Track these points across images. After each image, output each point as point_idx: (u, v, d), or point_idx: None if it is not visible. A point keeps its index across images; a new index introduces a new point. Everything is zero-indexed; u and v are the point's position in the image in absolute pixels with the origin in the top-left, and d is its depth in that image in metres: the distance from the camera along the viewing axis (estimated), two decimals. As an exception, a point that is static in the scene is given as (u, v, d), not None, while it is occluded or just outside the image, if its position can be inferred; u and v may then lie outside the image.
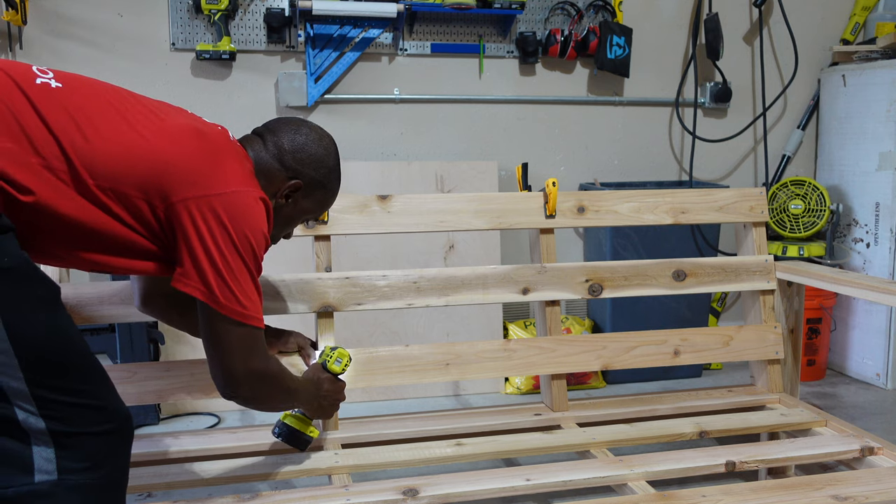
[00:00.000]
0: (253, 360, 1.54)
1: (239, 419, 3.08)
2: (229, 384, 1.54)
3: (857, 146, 3.59)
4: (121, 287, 1.95)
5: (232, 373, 1.53)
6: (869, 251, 3.53)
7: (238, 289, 1.49)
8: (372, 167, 3.31)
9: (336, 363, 1.88)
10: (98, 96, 1.44)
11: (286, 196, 1.65)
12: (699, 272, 2.35)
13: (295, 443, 1.87)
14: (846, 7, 3.90)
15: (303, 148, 1.65)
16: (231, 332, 1.50)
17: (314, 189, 1.69)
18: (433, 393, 3.30)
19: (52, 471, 1.26)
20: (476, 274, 2.19)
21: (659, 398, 2.38)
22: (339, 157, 1.73)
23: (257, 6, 3.27)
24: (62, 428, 1.27)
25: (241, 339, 1.51)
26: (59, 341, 1.30)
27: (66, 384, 1.28)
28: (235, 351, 1.51)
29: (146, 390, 1.95)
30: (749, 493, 1.76)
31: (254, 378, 1.55)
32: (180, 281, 1.48)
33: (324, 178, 1.69)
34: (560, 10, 3.56)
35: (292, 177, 1.64)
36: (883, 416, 3.13)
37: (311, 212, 1.74)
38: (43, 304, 1.29)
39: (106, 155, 1.39)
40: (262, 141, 1.65)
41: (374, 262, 3.13)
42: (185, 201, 1.44)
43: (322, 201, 1.74)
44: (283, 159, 1.63)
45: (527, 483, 1.81)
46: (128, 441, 1.40)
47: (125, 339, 2.86)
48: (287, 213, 1.69)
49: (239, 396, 1.58)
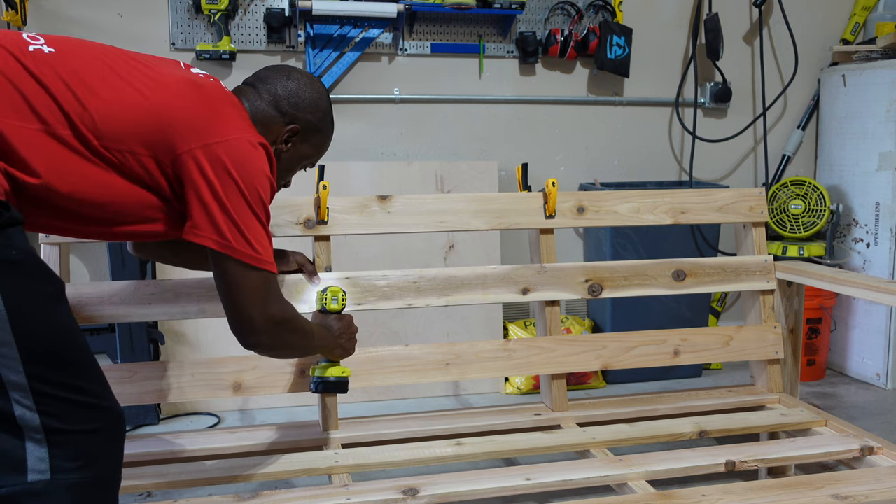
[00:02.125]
0: (271, 305, 1.54)
1: (239, 419, 3.08)
2: (251, 332, 1.54)
3: (857, 146, 3.59)
4: (121, 287, 1.95)
5: (251, 320, 1.52)
6: (869, 251, 3.53)
7: (250, 234, 1.50)
8: (372, 167, 3.31)
9: (333, 302, 1.89)
10: (92, 57, 1.45)
11: (285, 141, 1.69)
12: (699, 272, 2.35)
13: (336, 388, 1.88)
14: (846, 7, 3.90)
15: (297, 93, 1.68)
16: (247, 277, 1.50)
17: (311, 133, 1.72)
18: (433, 393, 3.30)
19: (46, 470, 1.26)
20: (476, 274, 2.19)
21: (659, 398, 2.38)
22: (330, 101, 1.77)
23: (257, 6, 3.27)
24: (56, 424, 1.26)
25: (257, 284, 1.51)
26: (62, 337, 1.30)
27: (65, 380, 1.28)
28: (253, 297, 1.51)
29: (146, 390, 1.95)
30: (749, 492, 1.76)
31: (272, 324, 1.55)
32: (191, 233, 1.49)
33: (319, 121, 1.73)
34: (560, 10, 3.56)
35: (290, 122, 1.68)
36: (883, 416, 3.13)
37: (309, 156, 1.77)
38: (48, 299, 1.29)
39: (108, 115, 1.41)
40: (255, 90, 1.68)
41: (374, 262, 3.13)
42: (191, 151, 1.47)
43: (319, 145, 1.77)
44: (279, 105, 1.67)
45: (527, 483, 1.81)
46: (120, 440, 1.39)
47: (125, 339, 2.87)
48: (287, 159, 1.72)
49: (261, 345, 1.58)
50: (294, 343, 1.67)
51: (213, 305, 1.97)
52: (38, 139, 1.34)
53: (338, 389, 1.89)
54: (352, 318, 1.92)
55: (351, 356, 1.93)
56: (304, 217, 2.10)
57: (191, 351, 3.10)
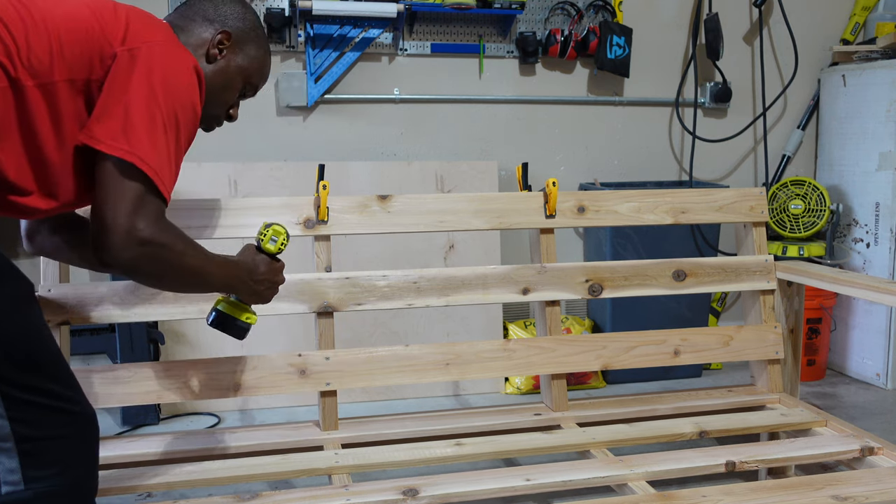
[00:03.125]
0: (140, 219, 1.33)
1: (239, 419, 3.08)
2: (105, 243, 1.32)
3: (857, 146, 3.59)
4: (121, 287, 1.95)
5: (109, 228, 1.31)
6: (869, 251, 3.53)
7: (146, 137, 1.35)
8: (372, 167, 3.31)
9: (271, 242, 1.69)
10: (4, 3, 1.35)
11: (218, 48, 1.61)
12: (699, 272, 2.35)
13: (229, 330, 1.69)
14: (846, 7, 3.90)
15: (222, 4, 1.64)
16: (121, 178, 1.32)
17: (244, 43, 1.65)
18: (433, 393, 3.30)
19: (18, 481, 1.24)
20: (476, 274, 2.19)
21: (659, 398, 2.38)
22: (259, 19, 1.71)
23: (257, 6, 3.26)
24: (27, 431, 1.24)
25: (130, 189, 1.33)
26: (31, 339, 1.28)
27: (35, 383, 1.26)
28: (121, 202, 1.31)
29: (146, 390, 1.95)
30: (749, 493, 1.76)
31: (134, 241, 1.32)
32: (84, 133, 1.36)
33: (251, 30, 1.67)
34: (560, 10, 3.56)
35: (219, 30, 1.62)
36: (883, 416, 3.13)
37: (247, 70, 1.67)
38: (17, 301, 1.26)
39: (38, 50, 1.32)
40: (179, 13, 1.63)
41: (374, 262, 3.13)
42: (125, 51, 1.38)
43: (257, 59, 1.68)
44: (207, 16, 1.62)
45: (527, 483, 1.81)
46: (93, 443, 1.37)
47: (125, 339, 2.87)
48: (222, 70, 1.62)
49: (116, 263, 1.34)
50: (165, 275, 1.43)
51: (213, 305, 1.97)
52: None
53: (237, 335, 1.70)
54: (282, 267, 1.72)
55: (351, 355, 1.92)
56: (304, 217, 2.10)
57: (191, 351, 3.10)
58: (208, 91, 1.57)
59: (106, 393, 1.91)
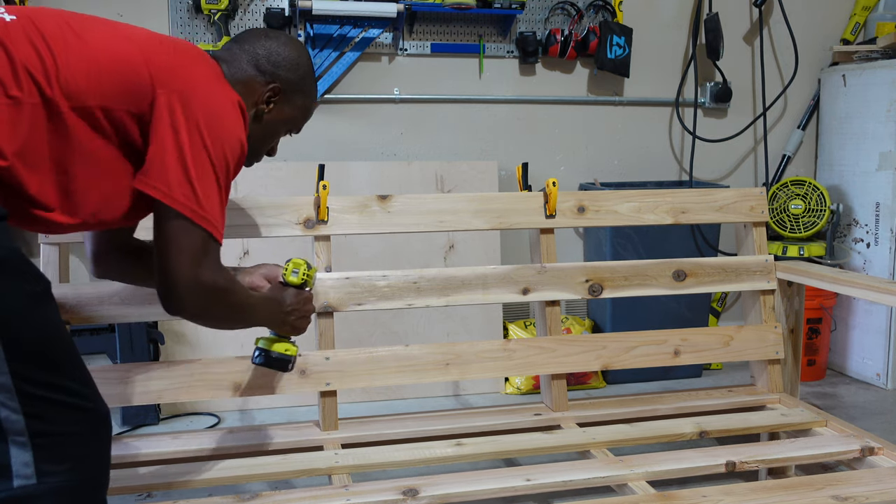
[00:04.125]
0: (203, 270, 1.42)
1: (239, 419, 3.08)
2: (174, 294, 1.42)
3: (858, 146, 3.59)
4: (121, 287, 1.94)
5: (177, 282, 1.41)
6: (869, 251, 3.53)
7: (201, 191, 1.41)
8: (372, 167, 3.31)
9: (293, 275, 1.77)
10: (54, 21, 1.40)
11: (267, 102, 1.63)
12: (699, 272, 2.35)
13: (273, 364, 1.78)
14: (846, 7, 3.90)
15: (276, 51, 1.64)
16: (184, 233, 1.40)
17: (293, 93, 1.67)
18: (433, 393, 3.30)
19: (31, 475, 1.24)
20: (476, 274, 2.19)
21: (659, 398, 2.38)
22: (311, 62, 1.72)
23: (257, 6, 3.27)
24: (42, 427, 1.24)
25: (193, 243, 1.41)
26: (48, 336, 1.28)
27: (51, 380, 1.26)
28: (186, 256, 1.40)
29: (146, 390, 1.95)
30: (749, 493, 1.76)
31: (201, 290, 1.43)
32: (139, 180, 1.41)
33: (301, 80, 1.67)
34: (560, 10, 3.56)
35: (270, 81, 1.63)
36: (883, 416, 3.13)
37: (293, 120, 1.71)
38: (33, 298, 1.27)
39: (76, 73, 1.35)
40: (231, 52, 1.63)
41: (374, 262, 3.13)
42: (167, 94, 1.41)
43: (303, 107, 1.71)
44: (259, 64, 1.62)
45: (527, 483, 1.81)
46: (107, 441, 1.38)
47: (125, 339, 2.87)
48: (269, 120, 1.66)
49: (184, 311, 1.45)
50: (225, 316, 1.56)
51: (213, 305, 1.97)
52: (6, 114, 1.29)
53: (279, 367, 1.78)
54: (310, 297, 1.81)
55: (351, 355, 1.92)
56: (304, 217, 2.10)
57: (191, 351, 3.10)
58: (252, 138, 1.61)
59: (106, 393, 1.87)
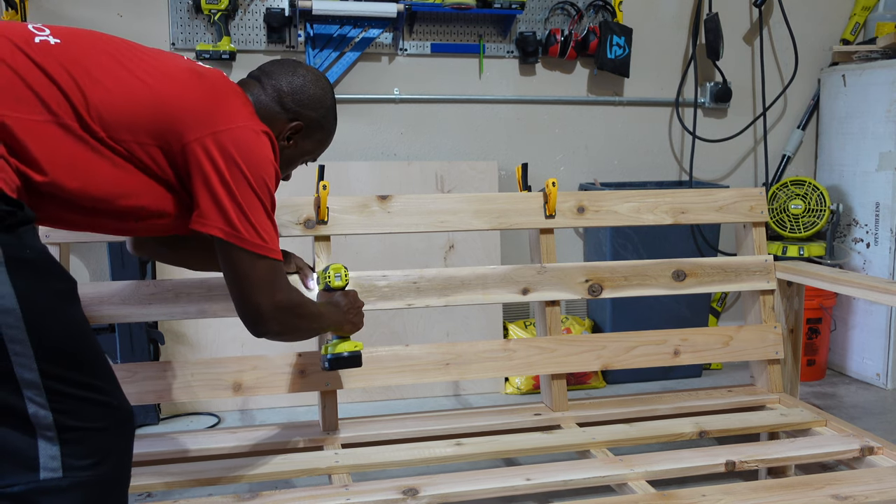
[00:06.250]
0: (278, 293, 1.55)
1: (239, 419, 3.08)
2: (260, 321, 1.55)
3: (857, 146, 3.59)
4: (121, 287, 1.95)
5: (259, 309, 1.54)
6: (869, 251, 3.53)
7: (257, 222, 1.51)
8: (372, 167, 3.31)
9: (336, 279, 1.90)
10: (97, 49, 1.46)
11: (287, 138, 1.69)
12: (699, 272, 2.35)
13: (351, 363, 1.90)
14: (846, 7, 3.90)
15: (301, 89, 1.68)
16: (254, 266, 1.51)
17: (314, 130, 1.73)
18: (433, 393, 3.30)
19: (58, 468, 1.27)
20: (476, 274, 2.19)
21: (659, 398, 2.38)
22: (335, 97, 1.77)
23: (257, 6, 3.27)
24: (69, 422, 1.27)
25: (263, 273, 1.52)
26: (75, 335, 1.31)
27: (77, 377, 1.29)
28: (260, 285, 1.52)
29: (146, 390, 1.95)
30: (749, 492, 1.76)
31: (280, 311, 1.56)
32: (198, 222, 1.50)
33: (323, 118, 1.73)
34: (560, 10, 3.56)
35: (293, 118, 1.68)
36: (883, 416, 3.13)
37: (311, 152, 1.78)
38: (61, 297, 1.30)
39: (114, 105, 1.41)
40: (260, 84, 1.68)
41: (374, 262, 3.13)
42: (200, 139, 1.47)
43: (321, 141, 1.78)
44: (283, 101, 1.67)
45: (527, 483, 1.81)
46: (130, 438, 1.41)
47: (125, 339, 2.87)
48: (288, 155, 1.73)
49: (271, 332, 1.59)
50: (303, 327, 1.69)
51: (213, 305, 1.97)
52: (45, 131, 1.35)
53: (352, 364, 1.90)
54: (356, 293, 1.93)
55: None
56: (304, 217, 2.10)
57: (191, 351, 3.10)
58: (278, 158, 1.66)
59: (106, 393, 1.91)
